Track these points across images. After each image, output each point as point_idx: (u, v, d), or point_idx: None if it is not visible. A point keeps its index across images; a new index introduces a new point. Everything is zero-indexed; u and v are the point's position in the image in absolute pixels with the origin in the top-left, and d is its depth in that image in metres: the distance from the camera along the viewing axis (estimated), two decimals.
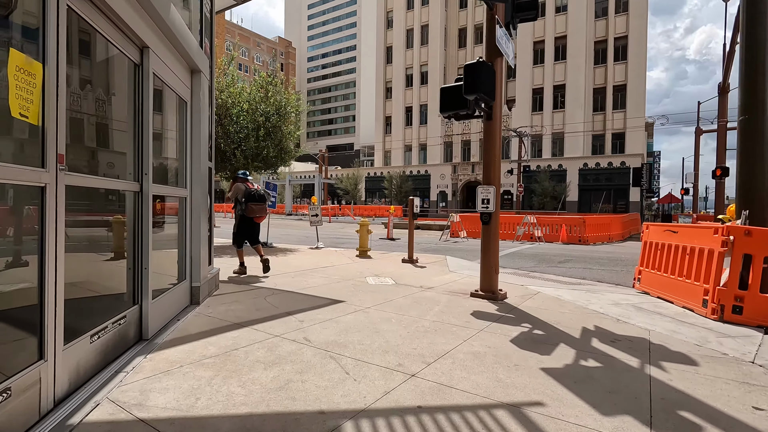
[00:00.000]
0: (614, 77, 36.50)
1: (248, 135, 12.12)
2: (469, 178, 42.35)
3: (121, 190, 3.20)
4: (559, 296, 5.96)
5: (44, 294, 2.19)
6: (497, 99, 5.47)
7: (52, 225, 2.24)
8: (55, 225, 2.26)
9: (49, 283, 2.22)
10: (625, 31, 35.87)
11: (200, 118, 4.81)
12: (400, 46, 48.09)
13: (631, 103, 35.92)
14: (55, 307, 2.27)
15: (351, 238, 17.35)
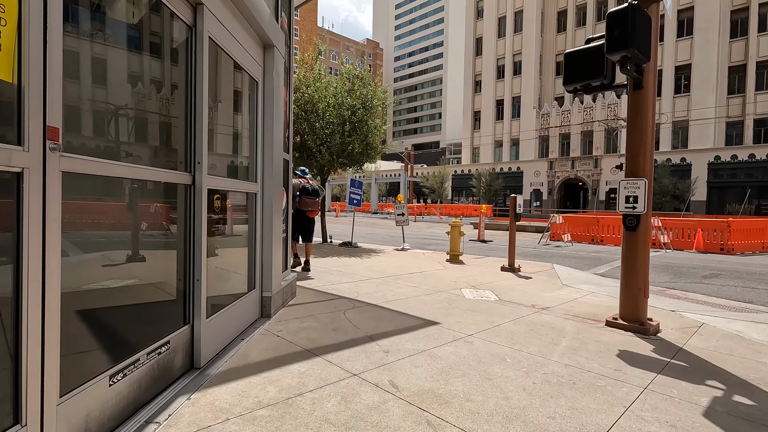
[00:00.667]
0: (758, 51, 30.17)
1: (334, 131, 11.67)
2: (568, 175, 38.41)
3: (163, 181, 2.53)
4: (739, 332, 4.26)
5: (20, 327, 1.50)
6: (652, 59, 3.99)
7: (36, 227, 1.54)
8: (41, 228, 1.56)
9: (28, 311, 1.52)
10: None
11: (273, 101, 4.12)
12: (491, 36, 45.42)
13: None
14: (42, 349, 1.58)
15: (438, 239, 16.24)
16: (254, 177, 3.98)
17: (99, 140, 2.11)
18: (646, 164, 4.13)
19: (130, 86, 2.33)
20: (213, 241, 3.27)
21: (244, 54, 3.52)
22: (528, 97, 42.03)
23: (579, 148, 38.28)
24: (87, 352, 2.01)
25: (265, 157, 4.14)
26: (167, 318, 2.68)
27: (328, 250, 10.89)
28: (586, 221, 16.75)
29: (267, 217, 4.15)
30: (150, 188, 2.50)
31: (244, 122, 3.90)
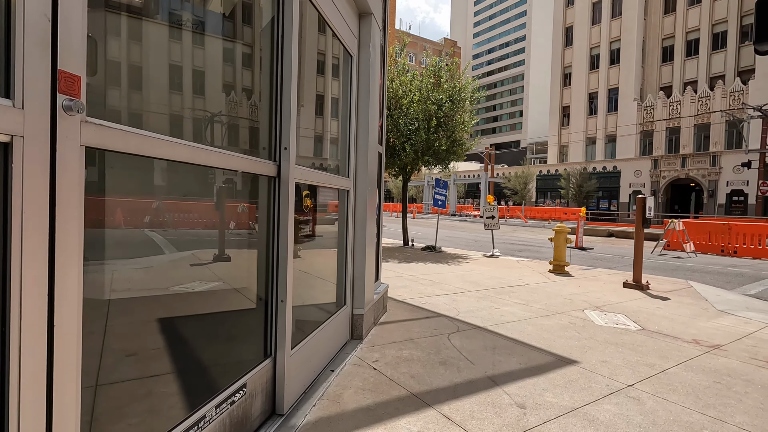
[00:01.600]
0: None
1: (419, 127, 10.93)
2: (677, 174, 33.64)
3: (241, 170, 1.91)
4: None
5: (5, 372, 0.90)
6: None
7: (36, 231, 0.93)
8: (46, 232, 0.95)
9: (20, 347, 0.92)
10: None
11: (369, 81, 3.44)
12: (584, 23, 41.58)
13: None
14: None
15: (529, 244, 14.74)
16: (346, 171, 3.33)
17: (144, 111, 1.53)
18: None
19: (194, 42, 1.73)
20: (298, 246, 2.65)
21: (338, 18, 2.86)
22: (627, 89, 37.73)
23: (691, 144, 33.40)
24: (130, 406, 1.42)
25: (359, 149, 3.47)
26: (245, 347, 2.08)
27: (412, 255, 10.16)
28: (712, 228, 14.10)
29: (360, 218, 3.48)
30: (225, 182, 1.90)
31: (335, 104, 3.25)
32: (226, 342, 2.03)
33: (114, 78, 1.34)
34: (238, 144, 2.05)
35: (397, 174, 12.79)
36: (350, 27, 3.15)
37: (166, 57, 1.57)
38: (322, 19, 2.64)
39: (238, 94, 2.05)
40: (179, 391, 1.62)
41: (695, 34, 34.84)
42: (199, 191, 1.89)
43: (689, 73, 35.07)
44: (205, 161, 1.57)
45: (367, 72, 3.44)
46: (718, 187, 31.31)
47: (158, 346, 1.72)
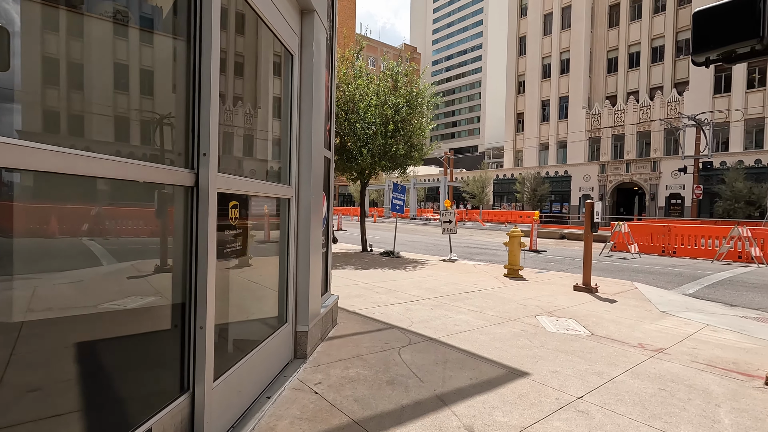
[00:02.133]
0: None
1: (376, 131, 10.79)
2: (622, 179, 35.63)
3: (143, 181, 1.64)
4: None
5: None
6: None
7: None
8: None
9: None
10: None
11: (313, 82, 3.23)
12: (536, 34, 43.33)
13: None
14: None
15: (486, 247, 14.98)
16: (287, 178, 3.09)
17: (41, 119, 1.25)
18: None
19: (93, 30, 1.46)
20: (228, 262, 2.39)
21: (273, 12, 2.63)
22: (576, 97, 39.66)
23: (634, 150, 35.57)
24: None
25: (302, 154, 3.25)
26: (158, 380, 1.81)
27: (370, 261, 9.98)
28: (653, 230, 14.93)
29: (303, 228, 3.25)
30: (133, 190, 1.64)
31: (274, 106, 3.02)
32: (140, 373, 1.75)
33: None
34: (147, 149, 1.78)
35: (355, 178, 12.59)
36: (290, 23, 2.93)
37: (53, 46, 1.30)
38: (254, 12, 2.40)
39: (149, 93, 1.79)
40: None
41: (636, 47, 37.19)
42: (137, 197, 1.65)
43: (632, 84, 37.35)
44: (85, 171, 1.30)
45: (311, 72, 3.23)
46: (658, 191, 33.46)
47: (68, 378, 1.44)
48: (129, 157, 1.56)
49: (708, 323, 4.97)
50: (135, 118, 1.70)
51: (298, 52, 3.16)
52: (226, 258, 2.23)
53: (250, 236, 3.02)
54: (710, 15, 3.38)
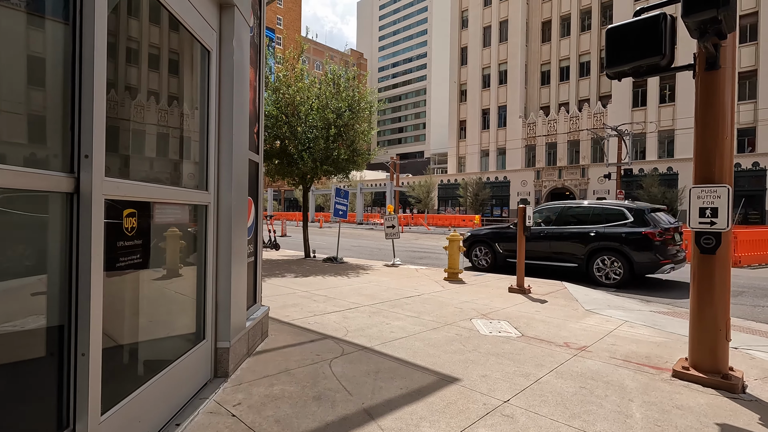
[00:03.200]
0: (740, 62, 30.46)
1: (318, 135, 10.59)
2: (555, 184, 38.05)
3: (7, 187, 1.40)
4: None
5: None
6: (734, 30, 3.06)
7: None
8: None
9: None
10: (755, 6, 29.80)
11: (234, 81, 3.03)
12: (476, 46, 45.24)
13: (764, 91, 29.59)
14: None
15: (429, 251, 15.22)
16: (204, 183, 2.86)
17: None
18: (725, 167, 3.18)
19: None
20: (130, 277, 2.15)
21: (187, 7, 2.42)
22: (514, 107, 41.81)
23: (566, 158, 38.08)
24: None
25: (222, 158, 3.03)
26: (32, 415, 1.54)
27: (311, 267, 9.73)
28: None
29: (225, 236, 3.03)
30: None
31: (189, 106, 2.79)
32: (10, 409, 1.48)
33: None
34: (12, 149, 1.52)
35: (296, 183, 12.28)
36: (204, 16, 2.72)
37: None
38: (158, 1, 2.19)
39: (19, 83, 1.53)
40: None
41: (566, 62, 39.97)
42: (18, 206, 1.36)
43: (563, 96, 40.05)
44: None
45: (231, 71, 3.03)
46: (587, 195, 36.04)
47: None
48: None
49: (626, 320, 5.32)
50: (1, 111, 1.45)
51: (217, 48, 2.95)
52: (122, 271, 1.98)
53: (180, 245, 2.76)
54: (620, 32, 3.61)
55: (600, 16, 37.70)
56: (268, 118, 10.42)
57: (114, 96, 1.94)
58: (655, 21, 3.38)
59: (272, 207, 56.25)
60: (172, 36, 2.52)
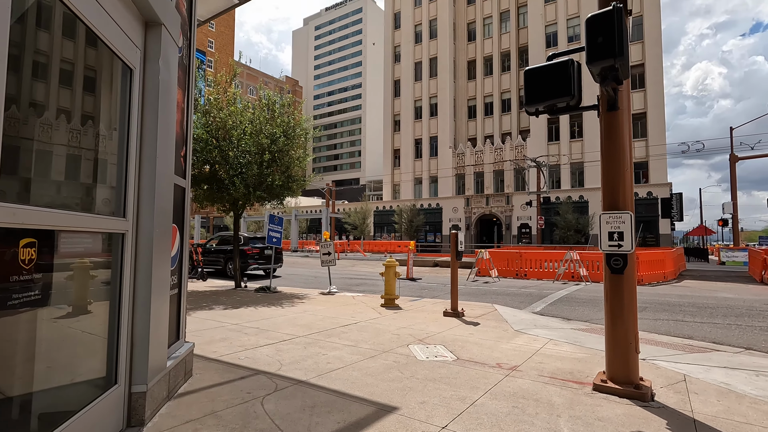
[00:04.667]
0: (633, 105, 35.13)
1: (251, 161, 10.28)
2: (483, 211, 40.28)
3: None
4: (727, 385, 3.75)
5: None
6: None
7: None
8: None
9: None
10: (642, 59, 34.81)
11: (159, 102, 2.87)
12: (409, 79, 47.48)
13: (653, 131, 34.27)
14: None
15: (366, 278, 15.18)
16: (121, 210, 2.63)
17: None
18: (627, 195, 3.58)
19: None
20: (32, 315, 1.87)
21: (102, 17, 2.27)
22: (444, 137, 44.08)
23: (492, 186, 40.59)
24: None
25: (143, 182, 2.81)
26: None
27: (243, 298, 9.22)
28: (509, 256, 16.94)
29: (144, 266, 2.78)
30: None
31: (107, 126, 2.57)
32: None
33: None
34: None
35: (227, 209, 11.73)
36: (127, 33, 2.56)
37: None
38: (74, 14, 2.03)
39: None
40: None
41: (490, 98, 43.25)
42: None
43: (488, 129, 43.07)
44: None
45: (156, 91, 2.86)
46: (512, 222, 38.53)
47: None
48: None
49: (551, 338, 5.66)
50: None
51: (141, 67, 2.79)
52: (16, 310, 1.72)
53: (90, 277, 2.47)
54: (536, 74, 3.99)
55: (518, 58, 41.60)
56: (197, 142, 9.95)
57: (15, 113, 1.74)
58: (564, 65, 3.79)
59: (199, 235, 53.02)
60: (89, 51, 2.34)
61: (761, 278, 15.02)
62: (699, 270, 21.08)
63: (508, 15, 42.45)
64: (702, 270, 21.13)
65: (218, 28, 73.40)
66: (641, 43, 35.14)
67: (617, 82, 3.35)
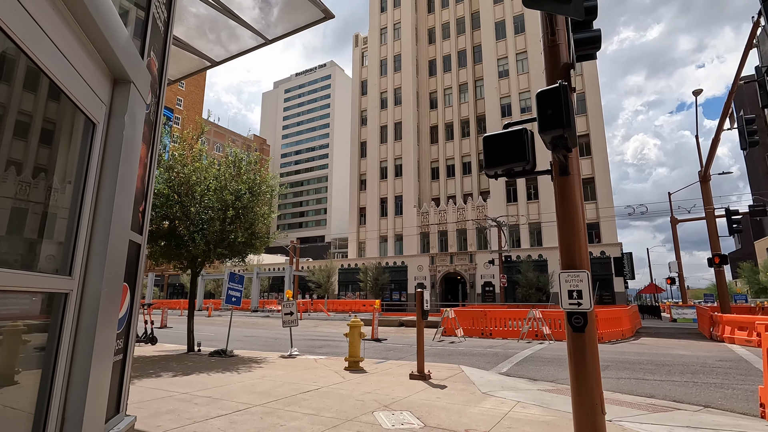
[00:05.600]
0: (582, 170, 37.94)
1: (213, 217, 10.05)
2: (447, 269, 40.66)
3: None
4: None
5: None
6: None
7: None
8: None
9: None
10: (587, 129, 38.23)
11: (121, 156, 2.81)
12: (375, 141, 49.41)
13: (601, 194, 36.84)
14: None
15: (329, 339, 14.57)
16: (67, 267, 2.45)
17: None
18: (583, 254, 3.75)
19: None
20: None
21: (74, 77, 2.27)
22: (409, 197, 45.27)
23: (456, 244, 41.39)
24: None
25: (95, 237, 2.66)
26: None
27: (195, 363, 8.54)
28: (474, 315, 16.92)
29: (87, 329, 2.54)
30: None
31: (60, 178, 2.48)
32: None
33: None
34: None
35: (185, 267, 11.20)
36: (94, 89, 2.56)
37: None
38: (38, 68, 2.01)
39: None
40: None
41: (452, 161, 45.47)
42: None
43: (450, 190, 44.77)
44: None
45: (119, 145, 2.81)
46: (476, 280, 38.96)
47: None
48: None
49: (519, 400, 5.54)
50: None
51: (104, 122, 2.75)
52: None
53: (22, 342, 2.22)
54: (494, 141, 4.27)
55: (476, 125, 44.58)
56: (158, 197, 9.69)
57: None
58: (519, 133, 4.09)
59: (152, 294, 49.88)
60: (51, 104, 2.30)
61: (710, 335, 15.69)
62: (654, 327, 21.81)
63: (467, 87, 46.05)
64: (656, 327, 21.88)
65: (188, 87, 74.77)
66: (585, 115, 38.71)
67: (567, 149, 3.64)
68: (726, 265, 18.23)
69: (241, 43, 6.15)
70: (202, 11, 5.79)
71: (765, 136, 66.75)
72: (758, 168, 66.00)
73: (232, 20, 5.65)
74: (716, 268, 18.39)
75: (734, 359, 10.11)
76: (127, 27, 3.07)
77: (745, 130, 13.52)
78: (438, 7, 49.43)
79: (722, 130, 15.66)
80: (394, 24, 50.69)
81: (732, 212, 18.61)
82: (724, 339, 14.12)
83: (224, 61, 6.63)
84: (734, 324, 14.04)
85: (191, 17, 6.00)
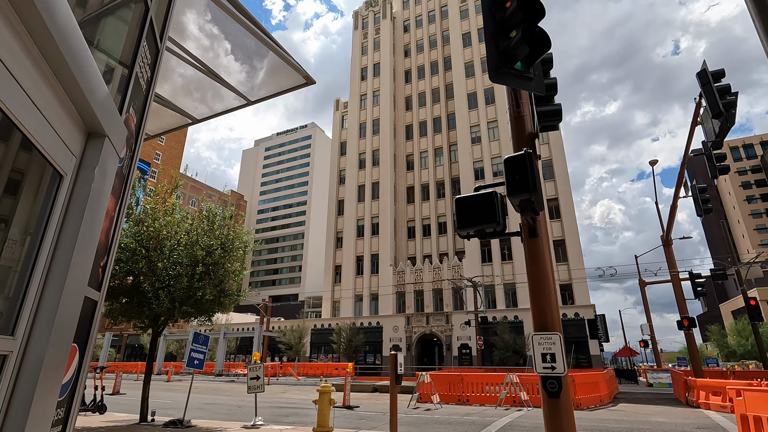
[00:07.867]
0: (552, 233, 39.14)
1: (181, 273, 9.69)
2: (423, 330, 39.73)
3: None
4: None
5: None
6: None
7: None
8: None
9: None
10: (555, 194, 40.07)
11: (87, 209, 2.74)
12: (352, 200, 50.09)
13: (572, 256, 37.80)
14: None
15: (298, 406, 13.62)
16: (10, 327, 2.27)
17: None
18: (554, 315, 3.77)
19: None
20: None
21: (44, 127, 2.27)
22: (385, 255, 45.19)
23: (432, 305, 40.88)
24: None
25: (46, 293, 2.50)
26: None
27: None
28: (450, 379, 16.34)
29: (23, 396, 2.30)
30: None
31: (18, 233, 2.37)
32: None
33: None
34: None
35: (146, 326, 10.55)
36: (66, 143, 2.55)
37: None
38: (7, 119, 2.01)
39: None
40: None
41: (428, 221, 46.26)
42: None
43: (426, 249, 45.06)
44: None
45: (86, 198, 2.75)
46: (452, 341, 38.09)
47: None
48: None
49: None
50: None
51: (73, 174, 2.71)
52: None
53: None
54: (465, 202, 4.41)
55: (451, 187, 46.10)
56: (123, 251, 9.34)
57: None
58: (489, 196, 4.25)
59: (106, 356, 46.22)
60: (20, 155, 2.27)
61: (686, 400, 15.55)
62: (631, 392, 21.50)
63: (442, 151, 48.19)
64: (633, 392, 21.58)
65: (168, 142, 75.25)
66: (554, 180, 40.72)
67: (534, 212, 3.79)
68: (695, 327, 18.56)
69: (224, 102, 6.35)
70: (189, 73, 6.00)
71: (718, 203, 71.58)
72: (715, 233, 69.90)
73: (217, 82, 5.86)
74: (686, 331, 18.67)
75: (711, 426, 9.98)
76: (109, 84, 3.13)
77: (699, 198, 14.48)
78: (414, 78, 52.99)
79: (678, 197, 16.73)
80: (373, 91, 53.68)
81: (695, 275, 19.34)
82: (700, 405, 14.01)
83: (206, 119, 6.77)
84: (708, 389, 14.02)
85: (177, 77, 6.20)
